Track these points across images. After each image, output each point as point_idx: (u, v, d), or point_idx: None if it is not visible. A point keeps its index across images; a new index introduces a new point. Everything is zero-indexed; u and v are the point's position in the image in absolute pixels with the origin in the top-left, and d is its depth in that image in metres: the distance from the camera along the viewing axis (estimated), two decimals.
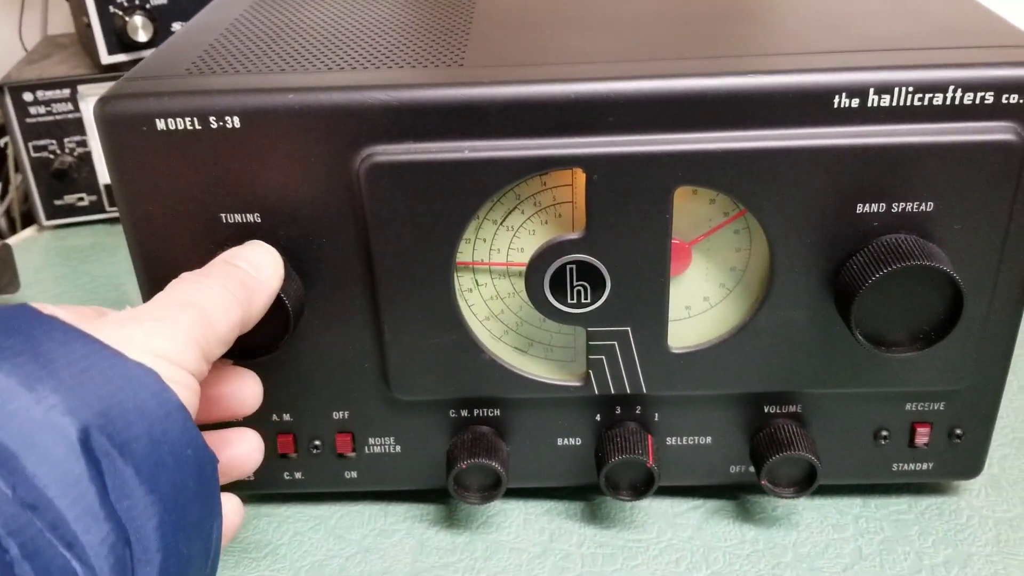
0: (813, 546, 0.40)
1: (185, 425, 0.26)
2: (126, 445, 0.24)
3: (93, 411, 0.24)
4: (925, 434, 0.40)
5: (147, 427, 0.25)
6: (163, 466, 0.25)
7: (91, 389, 0.24)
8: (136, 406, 0.25)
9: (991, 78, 0.32)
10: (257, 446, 0.35)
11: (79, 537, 0.23)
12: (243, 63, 0.36)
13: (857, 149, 0.33)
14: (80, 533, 0.23)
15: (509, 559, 0.40)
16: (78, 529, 0.23)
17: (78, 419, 0.23)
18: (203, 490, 0.27)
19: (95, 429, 0.24)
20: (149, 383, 0.26)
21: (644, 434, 0.39)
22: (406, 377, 0.38)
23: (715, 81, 0.32)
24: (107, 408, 0.24)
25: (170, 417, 0.26)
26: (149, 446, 0.25)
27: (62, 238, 0.70)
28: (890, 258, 0.33)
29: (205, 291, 0.31)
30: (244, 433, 0.35)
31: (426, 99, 0.33)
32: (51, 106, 0.68)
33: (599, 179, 0.33)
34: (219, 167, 0.34)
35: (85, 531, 0.23)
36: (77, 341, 0.25)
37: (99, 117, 0.33)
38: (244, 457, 0.35)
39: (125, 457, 0.24)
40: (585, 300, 0.36)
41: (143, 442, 0.24)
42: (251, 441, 0.35)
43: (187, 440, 0.26)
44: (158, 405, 0.25)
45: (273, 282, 0.33)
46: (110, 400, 0.24)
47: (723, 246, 0.36)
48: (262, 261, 0.33)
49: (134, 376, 0.25)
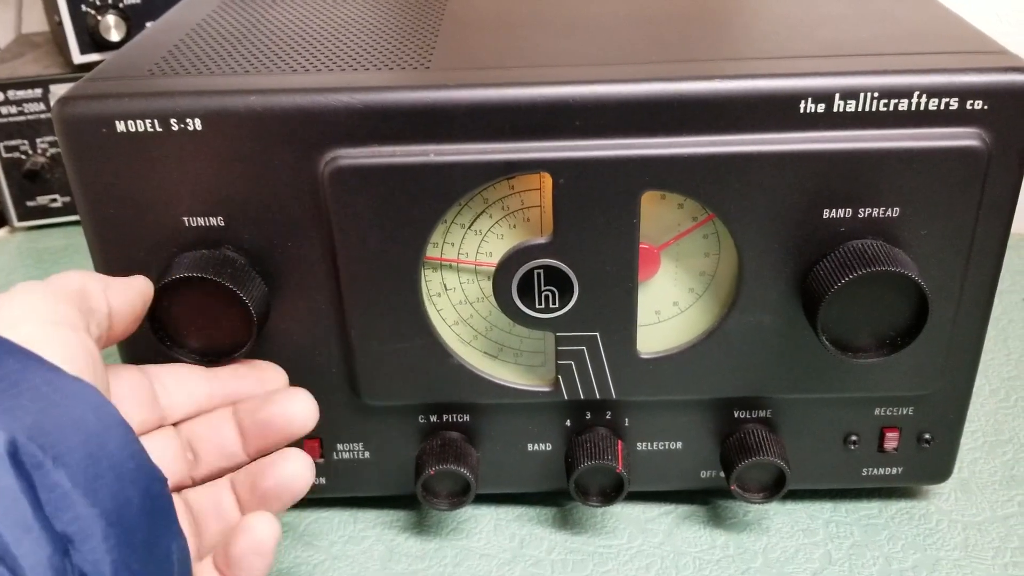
0: (783, 551, 0.40)
1: (126, 439, 0.26)
2: (59, 457, 0.24)
3: (23, 424, 0.23)
4: (894, 439, 0.40)
5: (83, 440, 0.24)
6: (102, 479, 0.24)
7: (22, 403, 0.24)
8: (72, 420, 0.24)
9: (956, 84, 0.32)
10: (306, 464, 0.34)
11: (11, 549, 0.22)
12: (207, 64, 0.36)
13: (823, 154, 0.33)
14: (12, 545, 0.22)
15: (479, 565, 0.39)
16: (10, 540, 0.22)
17: (6, 431, 0.23)
18: (151, 506, 0.26)
19: (25, 440, 0.23)
20: (86, 397, 0.25)
21: (614, 439, 0.39)
22: (374, 382, 0.38)
23: (682, 86, 0.32)
24: (38, 421, 0.24)
25: (109, 431, 0.25)
26: (85, 459, 0.24)
27: (34, 240, 0.69)
28: (856, 263, 0.33)
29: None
30: (288, 453, 0.34)
31: (391, 102, 0.33)
32: (23, 106, 0.67)
33: (566, 183, 0.33)
34: (181, 170, 0.33)
35: (17, 543, 0.22)
36: (10, 356, 0.25)
37: (58, 118, 0.33)
38: (292, 477, 0.33)
39: (59, 469, 0.24)
40: (553, 305, 0.36)
41: (78, 454, 0.24)
42: (297, 460, 0.34)
43: (128, 453, 0.26)
44: (97, 419, 0.25)
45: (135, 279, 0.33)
46: (42, 414, 0.24)
47: (692, 251, 0.36)
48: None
49: (71, 392, 0.25)
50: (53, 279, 0.30)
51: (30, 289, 0.29)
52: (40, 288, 0.29)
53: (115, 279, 0.32)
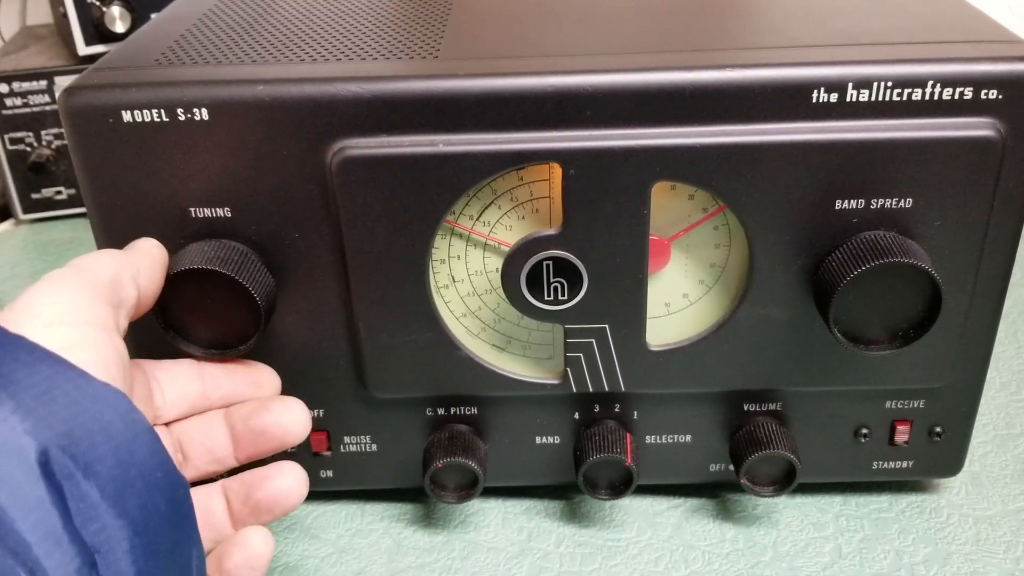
0: (793, 545, 0.39)
1: (154, 447, 0.25)
2: (90, 467, 0.23)
3: (54, 432, 0.23)
4: (905, 432, 0.39)
5: (113, 448, 0.24)
6: (131, 488, 0.24)
7: (53, 411, 0.23)
8: (102, 427, 0.24)
9: (971, 73, 0.32)
10: (300, 478, 0.34)
11: (41, 562, 0.22)
12: (213, 54, 0.35)
13: (836, 144, 0.32)
14: (42, 557, 0.22)
15: (487, 559, 0.39)
16: (40, 553, 0.22)
17: (37, 441, 0.23)
18: (176, 514, 0.26)
19: (56, 450, 0.23)
20: (116, 404, 0.25)
21: (623, 432, 0.39)
22: (381, 374, 0.37)
23: (694, 75, 0.32)
24: (70, 429, 0.23)
25: (138, 439, 0.25)
26: (115, 468, 0.24)
27: (39, 232, 0.69)
28: (869, 255, 0.32)
29: (77, 259, 0.30)
30: (283, 467, 0.34)
31: (400, 91, 0.32)
32: (27, 98, 0.67)
33: (576, 174, 0.33)
34: (187, 160, 0.33)
35: (47, 556, 0.22)
36: (42, 362, 0.24)
37: (64, 108, 0.33)
38: (286, 491, 0.33)
39: (89, 479, 0.23)
40: (562, 297, 0.35)
41: (109, 463, 0.24)
42: (292, 474, 0.33)
43: (156, 462, 0.25)
44: (125, 427, 0.25)
45: (153, 249, 0.33)
46: (73, 421, 0.24)
47: (702, 242, 0.36)
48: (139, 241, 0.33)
49: (100, 397, 0.25)
50: (85, 266, 0.29)
51: (63, 284, 0.28)
52: (73, 282, 0.28)
53: (140, 258, 0.32)
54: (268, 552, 0.32)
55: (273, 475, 0.33)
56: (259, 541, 0.32)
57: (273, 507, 0.33)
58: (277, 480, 0.33)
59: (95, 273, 0.29)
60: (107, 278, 0.29)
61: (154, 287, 0.32)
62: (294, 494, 0.33)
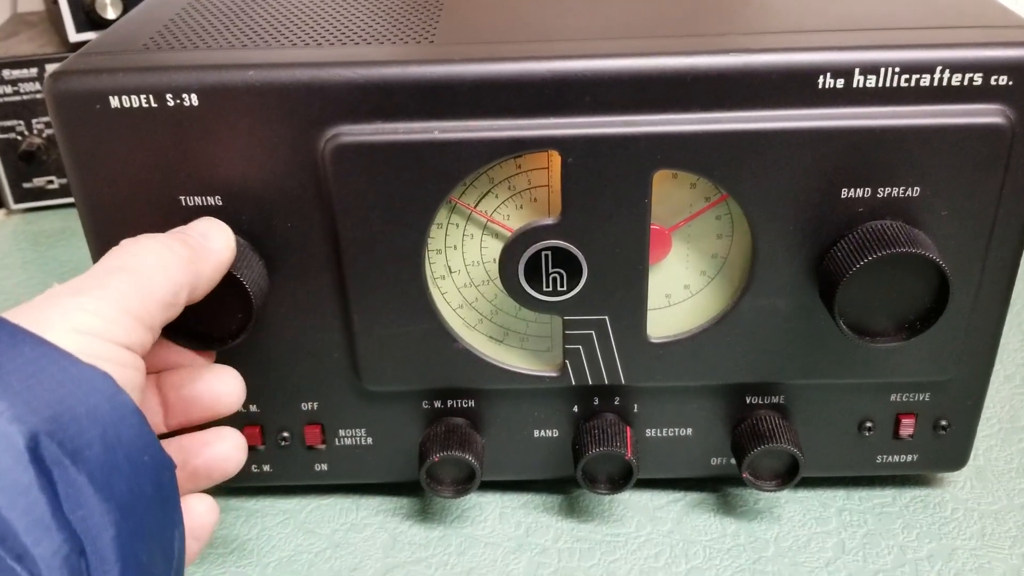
0: (795, 540, 0.39)
1: (141, 429, 0.25)
2: (78, 452, 0.23)
3: (42, 417, 0.22)
4: (910, 425, 0.39)
5: (100, 432, 0.23)
6: (118, 472, 0.24)
7: (40, 395, 0.23)
8: (88, 411, 0.24)
9: (980, 59, 0.31)
10: (238, 445, 0.34)
11: (29, 549, 0.21)
12: (203, 38, 0.35)
13: (842, 132, 0.31)
14: (30, 545, 0.21)
15: (484, 554, 0.39)
16: (28, 541, 0.21)
17: (26, 426, 0.22)
18: (161, 496, 0.25)
19: (45, 436, 0.22)
20: (102, 386, 0.24)
21: (622, 426, 0.38)
22: (377, 367, 0.37)
23: (696, 60, 0.31)
24: (57, 414, 0.23)
25: (124, 421, 0.24)
26: (103, 453, 0.23)
27: (31, 222, 0.68)
28: (875, 245, 0.32)
29: (141, 251, 0.29)
30: (222, 432, 0.34)
31: (394, 77, 0.31)
32: (18, 85, 0.66)
33: (575, 162, 0.32)
34: (177, 147, 0.32)
35: (36, 543, 0.21)
36: (26, 344, 0.24)
37: (50, 94, 0.32)
38: (224, 458, 0.33)
39: (78, 465, 0.23)
40: (561, 288, 0.35)
41: (96, 448, 0.23)
42: (231, 440, 0.33)
43: (143, 445, 0.25)
44: (112, 409, 0.24)
45: (224, 253, 0.31)
46: (60, 405, 0.23)
47: (704, 232, 0.35)
48: (210, 230, 0.32)
49: (86, 379, 0.24)
50: (141, 270, 0.28)
51: (109, 291, 0.27)
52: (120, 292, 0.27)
53: (204, 266, 0.30)
54: (212, 521, 0.32)
55: (212, 440, 0.33)
56: (203, 509, 0.32)
57: (211, 472, 0.33)
58: (216, 445, 0.33)
59: (150, 284, 0.28)
60: (161, 293, 0.28)
61: (205, 294, 0.31)
62: (232, 460, 0.33)
